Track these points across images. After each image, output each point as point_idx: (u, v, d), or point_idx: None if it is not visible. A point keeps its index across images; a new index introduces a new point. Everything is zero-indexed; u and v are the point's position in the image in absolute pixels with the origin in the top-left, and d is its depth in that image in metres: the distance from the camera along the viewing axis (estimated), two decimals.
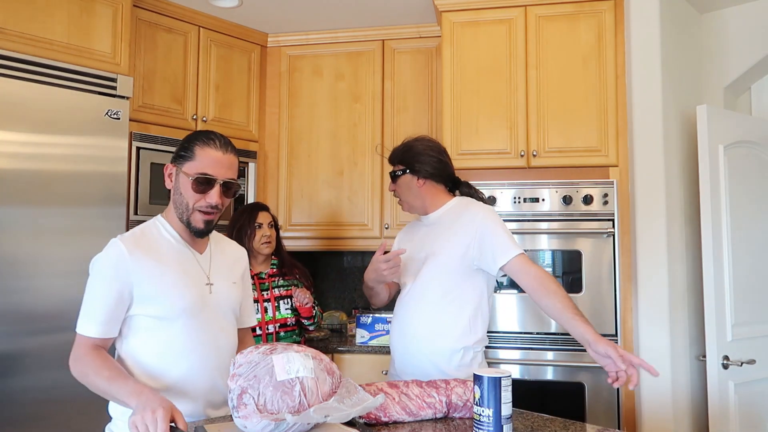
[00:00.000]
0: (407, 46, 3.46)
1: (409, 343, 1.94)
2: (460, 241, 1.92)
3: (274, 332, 2.63)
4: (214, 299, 1.62)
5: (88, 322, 1.50)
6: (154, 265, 1.52)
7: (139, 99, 3.00)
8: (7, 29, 2.41)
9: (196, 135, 1.59)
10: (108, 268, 1.50)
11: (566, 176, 2.85)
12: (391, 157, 2.07)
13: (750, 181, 2.90)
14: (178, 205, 1.58)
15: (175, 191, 1.58)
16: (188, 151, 1.55)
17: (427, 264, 1.96)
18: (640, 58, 2.82)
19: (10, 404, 2.31)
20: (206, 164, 1.53)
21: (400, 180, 2.03)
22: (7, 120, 2.37)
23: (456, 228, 1.95)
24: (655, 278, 2.72)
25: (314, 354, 1.45)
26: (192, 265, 1.60)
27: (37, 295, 2.41)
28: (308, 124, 3.54)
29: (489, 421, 1.37)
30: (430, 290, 1.94)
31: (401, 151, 2.03)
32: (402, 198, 2.06)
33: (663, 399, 2.67)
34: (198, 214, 1.56)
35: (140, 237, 1.56)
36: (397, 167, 2.03)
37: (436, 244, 1.96)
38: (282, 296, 2.68)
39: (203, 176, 1.53)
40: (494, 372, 1.40)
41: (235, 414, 1.33)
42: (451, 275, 1.92)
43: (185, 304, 1.54)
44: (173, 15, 3.15)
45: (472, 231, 1.91)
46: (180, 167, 1.56)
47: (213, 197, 1.54)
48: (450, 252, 1.92)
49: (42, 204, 2.44)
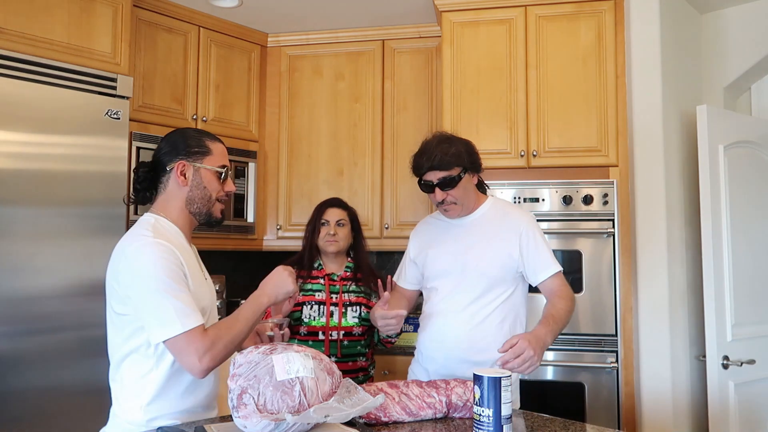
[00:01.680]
0: (407, 46, 3.46)
1: (451, 352, 1.90)
2: (502, 248, 1.91)
3: (338, 339, 2.35)
4: (213, 290, 1.71)
5: (190, 314, 1.44)
6: (186, 263, 1.54)
7: (139, 99, 3.00)
8: (7, 29, 2.40)
9: (197, 132, 1.67)
10: (170, 263, 1.48)
11: (566, 176, 2.85)
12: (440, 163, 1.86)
13: (750, 181, 2.90)
14: (195, 200, 1.62)
15: (195, 187, 1.62)
16: (203, 147, 1.63)
17: (467, 269, 1.92)
18: (640, 58, 2.82)
19: (9, 404, 2.31)
20: (222, 156, 1.66)
21: (461, 183, 1.90)
22: (7, 120, 2.37)
23: (498, 233, 1.92)
24: (655, 278, 2.72)
25: (314, 354, 1.45)
26: (197, 262, 1.66)
27: (37, 295, 2.41)
28: (308, 124, 3.54)
29: (489, 421, 1.37)
30: (473, 298, 1.90)
31: (454, 152, 1.88)
32: (459, 201, 1.93)
33: (663, 399, 2.67)
34: (218, 204, 1.66)
35: (162, 233, 1.55)
36: (454, 170, 1.88)
37: (476, 248, 1.92)
38: (351, 302, 2.41)
39: (225, 167, 1.65)
40: (494, 372, 1.40)
41: (235, 414, 1.33)
42: (493, 283, 1.90)
43: (209, 299, 1.63)
44: (173, 15, 3.15)
45: (515, 239, 1.91)
46: (199, 163, 1.62)
47: (231, 185, 1.68)
48: (492, 259, 1.91)
49: (42, 204, 2.44)
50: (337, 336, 2.35)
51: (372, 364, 2.49)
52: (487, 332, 1.88)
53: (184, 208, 1.62)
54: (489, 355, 1.79)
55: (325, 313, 2.37)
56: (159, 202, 1.64)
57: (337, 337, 2.35)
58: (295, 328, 2.35)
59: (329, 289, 2.41)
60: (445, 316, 1.93)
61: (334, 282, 2.42)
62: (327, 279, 2.42)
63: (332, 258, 2.47)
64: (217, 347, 1.46)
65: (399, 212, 3.39)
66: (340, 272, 2.46)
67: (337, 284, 2.42)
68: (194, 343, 1.43)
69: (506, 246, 1.91)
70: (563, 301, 1.87)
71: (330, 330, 2.35)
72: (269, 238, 3.52)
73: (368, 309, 2.41)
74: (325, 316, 2.36)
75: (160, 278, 1.45)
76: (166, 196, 1.63)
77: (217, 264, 3.57)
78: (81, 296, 2.51)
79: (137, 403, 1.51)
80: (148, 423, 1.50)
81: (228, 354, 1.50)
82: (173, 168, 1.60)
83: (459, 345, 1.88)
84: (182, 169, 1.61)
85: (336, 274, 2.45)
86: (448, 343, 1.90)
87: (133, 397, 1.52)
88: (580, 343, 2.73)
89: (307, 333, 2.35)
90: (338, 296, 2.40)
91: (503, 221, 1.95)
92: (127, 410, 1.53)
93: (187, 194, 1.62)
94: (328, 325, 2.36)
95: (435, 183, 1.89)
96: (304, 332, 2.35)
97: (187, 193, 1.62)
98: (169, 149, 1.62)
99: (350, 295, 2.41)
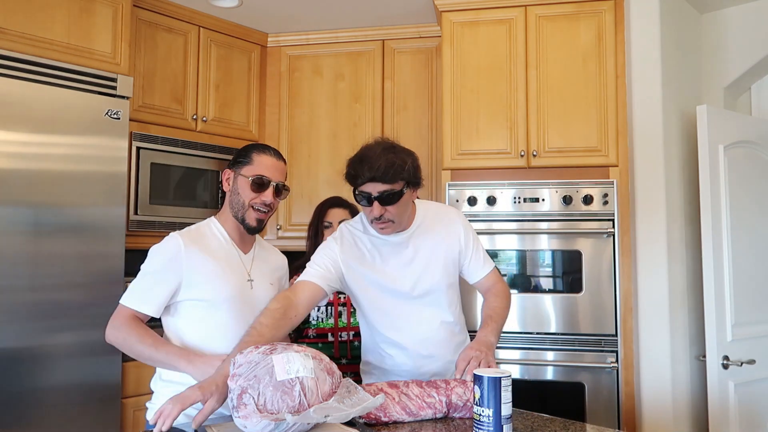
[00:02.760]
0: (407, 46, 3.46)
1: (423, 363, 1.84)
2: (446, 252, 1.88)
3: (348, 340, 2.30)
4: (254, 294, 1.79)
5: (134, 297, 1.69)
6: (204, 257, 1.72)
7: (139, 99, 3.00)
8: (7, 29, 2.41)
9: (253, 145, 1.83)
10: (164, 256, 1.70)
11: (566, 176, 2.85)
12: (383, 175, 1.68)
13: (750, 181, 2.90)
14: (234, 205, 1.78)
15: (233, 192, 1.79)
16: (246, 158, 1.78)
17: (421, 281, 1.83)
18: (640, 58, 2.82)
19: (10, 404, 2.31)
20: (262, 168, 1.76)
21: (402, 199, 1.73)
22: (7, 120, 2.37)
23: (439, 238, 1.87)
24: (655, 278, 2.72)
25: (314, 354, 1.45)
26: (236, 262, 1.79)
27: (36, 295, 2.41)
28: (308, 124, 3.54)
29: (489, 421, 1.37)
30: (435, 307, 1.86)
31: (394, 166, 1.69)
32: (396, 219, 1.76)
33: (663, 399, 2.67)
34: (252, 211, 1.76)
35: (195, 233, 1.77)
36: (398, 184, 1.70)
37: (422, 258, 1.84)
38: None
39: (260, 177, 1.75)
40: (494, 372, 1.40)
41: (235, 414, 1.33)
42: (446, 288, 1.88)
43: (229, 293, 1.73)
44: (173, 15, 3.15)
45: (456, 244, 1.88)
46: (238, 171, 1.78)
47: (268, 196, 1.76)
48: (441, 265, 1.86)
49: (42, 204, 2.44)
50: (347, 337, 2.29)
51: None
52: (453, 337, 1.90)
53: (230, 212, 1.80)
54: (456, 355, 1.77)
55: (333, 313, 2.31)
56: (224, 207, 1.84)
57: (347, 338, 2.29)
58: (304, 331, 2.29)
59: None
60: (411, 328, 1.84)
61: None
62: None
63: None
64: (119, 334, 1.66)
65: None
66: None
67: None
68: (116, 315, 1.68)
69: (449, 249, 1.88)
70: (499, 299, 1.89)
71: (339, 331, 2.30)
72: (269, 238, 3.52)
73: None
74: (333, 317, 2.31)
75: (148, 262, 1.72)
76: (225, 200, 1.84)
77: None
78: (81, 296, 2.51)
79: (158, 373, 1.75)
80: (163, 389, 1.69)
81: (123, 348, 1.68)
82: (222, 175, 1.82)
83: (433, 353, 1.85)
84: (227, 177, 1.81)
85: None
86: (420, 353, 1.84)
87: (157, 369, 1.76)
88: (580, 343, 2.73)
89: (316, 335, 2.29)
90: (345, 296, 2.32)
91: (443, 230, 1.88)
92: (153, 381, 1.76)
93: (229, 199, 1.80)
94: (336, 326, 2.30)
95: (374, 196, 1.70)
96: (312, 335, 2.29)
97: (229, 198, 1.80)
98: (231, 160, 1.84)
99: None
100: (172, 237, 1.74)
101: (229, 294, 1.73)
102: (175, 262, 1.69)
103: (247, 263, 1.82)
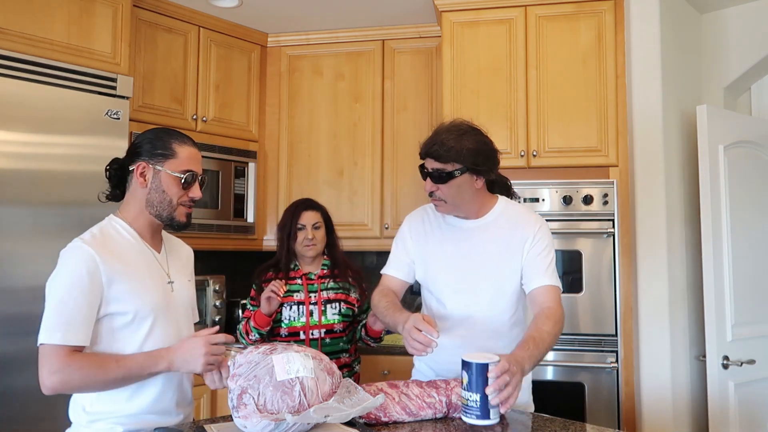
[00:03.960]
0: (407, 46, 3.46)
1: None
2: (515, 256, 1.77)
3: (320, 338, 2.35)
4: (176, 297, 1.65)
5: (63, 330, 1.42)
6: (122, 265, 1.52)
7: (139, 99, 3.00)
8: (7, 29, 2.40)
9: (166, 131, 1.63)
10: (81, 273, 1.46)
11: (566, 176, 2.85)
12: (437, 151, 1.69)
13: (750, 181, 2.90)
14: (155, 203, 1.59)
15: (154, 189, 1.58)
16: (167, 150, 1.58)
17: (485, 282, 1.78)
18: (640, 58, 2.82)
19: (9, 404, 2.31)
20: (188, 162, 1.59)
21: (454, 181, 1.70)
22: (7, 120, 2.36)
23: (510, 240, 1.77)
24: (655, 278, 2.72)
25: (314, 354, 1.45)
26: (154, 264, 1.62)
27: (37, 295, 2.40)
28: (308, 124, 3.54)
29: (476, 406, 1.40)
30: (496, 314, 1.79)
31: (455, 146, 1.68)
32: (449, 200, 1.74)
33: (663, 399, 2.67)
34: (182, 208, 1.61)
35: (101, 238, 1.55)
36: (450, 165, 1.69)
37: (491, 257, 1.78)
38: (330, 300, 2.39)
39: (190, 173, 1.59)
40: (482, 357, 1.41)
41: (235, 414, 1.33)
42: (511, 294, 1.77)
43: (155, 302, 1.56)
44: (173, 15, 3.15)
45: (520, 244, 1.76)
46: (159, 165, 1.58)
47: (197, 192, 1.62)
48: (509, 269, 1.77)
49: (42, 204, 2.44)
50: (318, 335, 2.35)
51: (356, 360, 2.49)
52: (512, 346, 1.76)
53: (144, 209, 1.60)
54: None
55: (305, 312, 2.36)
56: (123, 202, 1.64)
57: (319, 335, 2.35)
58: (275, 330, 2.36)
59: (307, 288, 2.40)
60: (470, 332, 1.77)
61: (311, 281, 2.42)
62: (305, 279, 2.42)
63: (309, 261, 2.46)
64: (72, 375, 1.41)
65: (399, 212, 3.39)
66: (317, 271, 2.45)
67: (315, 282, 2.42)
68: (50, 358, 1.41)
69: (518, 252, 1.76)
70: (550, 323, 1.66)
71: (310, 329, 2.35)
72: (269, 239, 3.52)
73: (348, 305, 2.43)
74: (305, 316, 2.36)
75: (63, 286, 1.45)
76: (129, 196, 1.63)
77: (217, 264, 3.57)
78: None
79: (80, 404, 1.53)
80: (89, 425, 1.51)
81: (83, 387, 1.45)
82: (134, 169, 1.59)
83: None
84: (142, 171, 1.58)
85: (313, 273, 2.44)
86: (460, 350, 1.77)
87: (80, 397, 1.54)
88: (580, 343, 2.73)
89: (287, 334, 2.36)
90: (317, 295, 2.40)
91: (511, 231, 1.78)
92: (74, 411, 1.55)
93: (146, 196, 1.59)
94: (308, 324, 2.35)
95: (428, 172, 1.73)
96: (284, 333, 2.36)
97: (146, 195, 1.59)
98: (135, 149, 1.60)
99: (329, 293, 2.41)
100: (78, 248, 1.49)
101: (155, 303, 1.56)
102: (94, 277, 1.46)
103: (163, 263, 1.65)
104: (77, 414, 1.54)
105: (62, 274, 1.47)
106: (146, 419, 1.53)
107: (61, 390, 1.43)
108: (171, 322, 1.60)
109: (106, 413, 1.50)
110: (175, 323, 1.62)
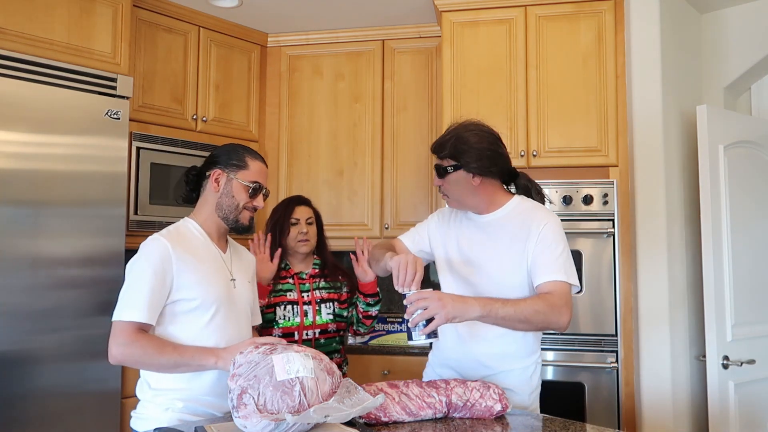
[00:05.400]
0: (407, 46, 3.46)
1: (480, 368, 1.79)
2: (519, 251, 1.75)
3: (313, 338, 2.33)
4: (237, 294, 1.82)
5: (134, 308, 1.62)
6: (191, 257, 1.72)
7: (139, 99, 3.00)
8: (7, 29, 2.41)
9: (243, 147, 1.85)
10: (156, 260, 1.66)
11: (566, 176, 2.85)
12: (437, 147, 1.80)
13: (750, 181, 2.90)
14: (224, 207, 1.80)
15: (225, 194, 1.80)
16: (241, 162, 1.80)
17: (486, 275, 1.79)
18: (640, 58, 2.82)
19: (10, 404, 2.31)
20: (257, 174, 1.82)
21: (450, 177, 1.77)
22: (7, 120, 2.37)
23: (516, 236, 1.77)
24: (655, 278, 2.72)
25: (314, 354, 1.45)
26: (219, 262, 1.81)
27: (37, 295, 2.41)
28: (308, 124, 3.54)
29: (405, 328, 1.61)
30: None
31: (451, 143, 1.76)
32: (451, 196, 1.82)
33: (663, 399, 2.67)
34: (246, 212, 1.81)
35: (176, 234, 1.76)
36: (446, 162, 1.77)
37: (498, 253, 1.78)
38: (324, 299, 2.38)
39: (258, 184, 1.81)
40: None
41: (235, 414, 1.33)
42: (511, 289, 1.75)
43: (218, 294, 1.74)
44: (173, 15, 3.16)
45: (532, 241, 1.74)
46: (233, 174, 1.79)
47: (260, 201, 1.83)
48: (511, 263, 1.76)
49: (42, 204, 2.44)
50: (313, 335, 2.34)
51: (345, 361, 2.48)
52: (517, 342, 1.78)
53: (214, 212, 1.81)
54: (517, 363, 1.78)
55: (299, 312, 2.34)
56: (197, 205, 1.85)
57: (313, 336, 2.34)
58: (269, 330, 2.32)
59: (299, 287, 2.38)
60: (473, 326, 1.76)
61: (303, 280, 2.40)
62: (296, 278, 2.40)
63: (301, 258, 2.44)
64: (135, 350, 1.60)
65: (399, 212, 3.39)
66: (309, 270, 2.44)
67: (306, 282, 2.40)
68: (119, 333, 1.62)
69: (525, 248, 1.75)
70: (539, 302, 1.65)
71: (305, 329, 2.33)
72: None
73: (340, 304, 2.42)
74: (299, 316, 2.34)
75: (138, 271, 1.66)
76: (202, 200, 1.84)
77: None
78: (82, 296, 2.51)
79: (146, 381, 1.71)
80: (153, 399, 1.68)
81: (140, 363, 1.64)
82: (210, 175, 1.80)
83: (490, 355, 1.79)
84: (217, 177, 1.79)
85: (305, 272, 2.42)
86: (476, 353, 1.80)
87: (146, 374, 1.72)
88: (580, 343, 2.73)
89: (282, 335, 2.32)
90: (309, 294, 2.38)
91: (525, 223, 1.78)
92: (140, 388, 1.72)
93: (217, 200, 1.80)
94: (302, 324, 2.34)
95: (435, 166, 1.83)
96: (278, 334, 2.32)
97: (217, 199, 1.80)
98: (213, 158, 1.83)
99: (321, 292, 2.39)
100: (155, 240, 1.70)
101: (218, 294, 1.74)
102: (166, 264, 1.66)
103: (227, 263, 1.84)
104: (143, 390, 1.71)
105: (139, 261, 1.68)
106: (204, 400, 1.68)
107: (123, 362, 1.62)
108: (231, 315, 1.76)
109: (169, 390, 1.67)
110: (236, 318, 1.79)
